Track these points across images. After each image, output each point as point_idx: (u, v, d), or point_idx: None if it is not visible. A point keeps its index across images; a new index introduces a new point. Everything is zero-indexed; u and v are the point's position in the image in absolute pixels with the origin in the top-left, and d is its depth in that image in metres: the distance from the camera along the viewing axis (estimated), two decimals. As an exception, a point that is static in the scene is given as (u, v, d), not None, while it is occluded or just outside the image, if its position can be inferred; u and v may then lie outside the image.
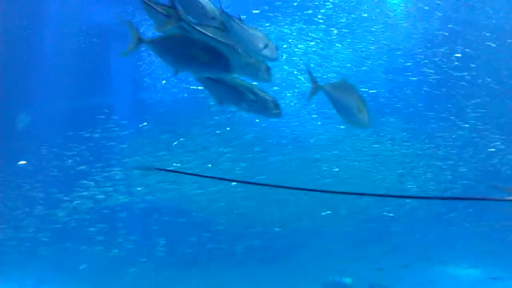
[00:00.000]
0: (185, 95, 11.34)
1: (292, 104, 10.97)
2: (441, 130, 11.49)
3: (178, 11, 4.93)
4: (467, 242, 11.58)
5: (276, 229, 10.81)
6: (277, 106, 5.33)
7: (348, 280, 10.48)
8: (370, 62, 11.40)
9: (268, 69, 5.23)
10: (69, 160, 10.87)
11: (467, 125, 11.42)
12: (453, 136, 11.46)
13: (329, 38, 11.31)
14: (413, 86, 11.45)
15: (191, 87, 10.81)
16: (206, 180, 10.59)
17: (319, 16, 11.31)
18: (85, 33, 11.90)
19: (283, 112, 5.43)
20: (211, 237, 11.07)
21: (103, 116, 11.22)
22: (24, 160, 10.97)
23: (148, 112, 11.45)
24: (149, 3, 4.90)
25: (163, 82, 11.65)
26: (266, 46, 5.27)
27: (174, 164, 10.72)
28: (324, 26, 11.30)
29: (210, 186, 10.72)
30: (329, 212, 10.86)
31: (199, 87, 9.94)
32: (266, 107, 5.32)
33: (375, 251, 10.99)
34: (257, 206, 10.88)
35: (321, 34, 11.25)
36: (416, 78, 11.43)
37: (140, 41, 4.86)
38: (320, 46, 11.29)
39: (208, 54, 4.87)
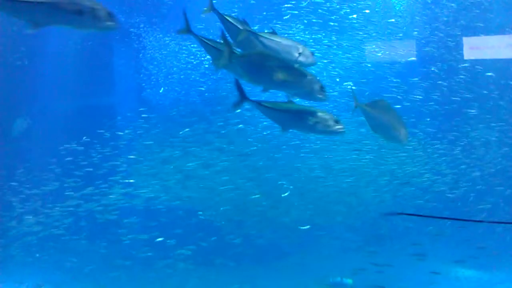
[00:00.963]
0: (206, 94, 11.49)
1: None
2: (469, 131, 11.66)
3: (231, 46, 5.12)
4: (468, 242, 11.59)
5: (303, 227, 10.80)
6: (338, 122, 5.41)
7: (349, 281, 10.51)
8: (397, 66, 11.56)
9: (322, 88, 5.30)
10: (94, 158, 10.95)
11: (496, 126, 11.56)
12: (481, 135, 11.59)
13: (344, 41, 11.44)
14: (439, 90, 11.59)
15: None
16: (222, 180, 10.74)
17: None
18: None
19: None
20: (213, 236, 11.02)
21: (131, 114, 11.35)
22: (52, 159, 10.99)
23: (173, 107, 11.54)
24: (204, 40, 5.47)
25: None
26: (300, 54, 5.38)
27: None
28: (338, 28, 11.43)
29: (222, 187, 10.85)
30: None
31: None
32: (328, 125, 5.39)
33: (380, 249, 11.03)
34: (268, 207, 10.96)
35: (333, 37, 11.36)
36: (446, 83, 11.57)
37: (232, 54, 5.00)
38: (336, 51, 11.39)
39: (289, 72, 5.00)
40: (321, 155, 11.11)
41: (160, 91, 12.01)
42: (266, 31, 5.68)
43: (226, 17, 5.63)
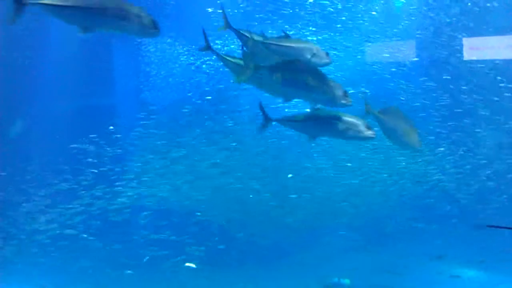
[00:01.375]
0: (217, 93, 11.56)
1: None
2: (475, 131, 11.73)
3: (251, 61, 5.40)
4: (470, 244, 11.61)
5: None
6: (369, 128, 5.42)
7: (346, 281, 10.53)
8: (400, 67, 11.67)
9: (345, 93, 5.29)
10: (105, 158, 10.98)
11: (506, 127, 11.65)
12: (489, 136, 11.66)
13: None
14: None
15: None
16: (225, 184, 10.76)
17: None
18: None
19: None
20: (219, 236, 11.08)
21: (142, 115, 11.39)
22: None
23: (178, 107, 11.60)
24: (225, 56, 5.76)
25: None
26: (313, 55, 5.39)
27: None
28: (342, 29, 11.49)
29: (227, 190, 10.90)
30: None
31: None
32: (359, 131, 5.40)
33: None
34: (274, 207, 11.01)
35: (337, 37, 11.39)
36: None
37: (258, 68, 5.06)
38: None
39: (315, 78, 5.02)
40: (330, 154, 11.17)
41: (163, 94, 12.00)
42: (285, 34, 5.67)
43: (243, 32, 5.75)
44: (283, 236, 11.16)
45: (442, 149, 11.51)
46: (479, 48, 10.69)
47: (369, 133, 5.51)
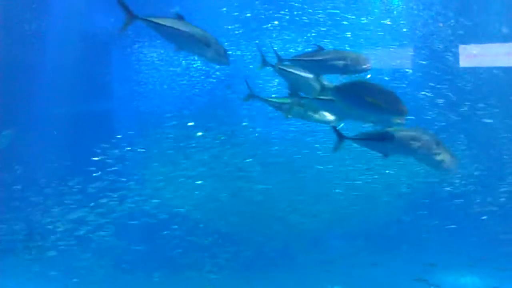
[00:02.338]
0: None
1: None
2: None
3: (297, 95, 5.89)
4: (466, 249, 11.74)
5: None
6: (438, 143, 5.50)
7: None
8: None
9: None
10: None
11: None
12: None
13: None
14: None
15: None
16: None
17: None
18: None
19: None
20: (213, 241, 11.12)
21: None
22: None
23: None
24: (267, 99, 6.53)
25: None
26: (346, 65, 5.47)
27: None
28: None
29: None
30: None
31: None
32: (430, 148, 5.48)
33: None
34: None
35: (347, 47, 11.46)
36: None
37: (324, 88, 5.12)
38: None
39: (384, 98, 5.06)
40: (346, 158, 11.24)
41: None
42: (319, 47, 5.71)
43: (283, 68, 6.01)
44: (294, 240, 11.24)
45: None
46: (476, 56, 10.87)
47: (436, 152, 5.58)
